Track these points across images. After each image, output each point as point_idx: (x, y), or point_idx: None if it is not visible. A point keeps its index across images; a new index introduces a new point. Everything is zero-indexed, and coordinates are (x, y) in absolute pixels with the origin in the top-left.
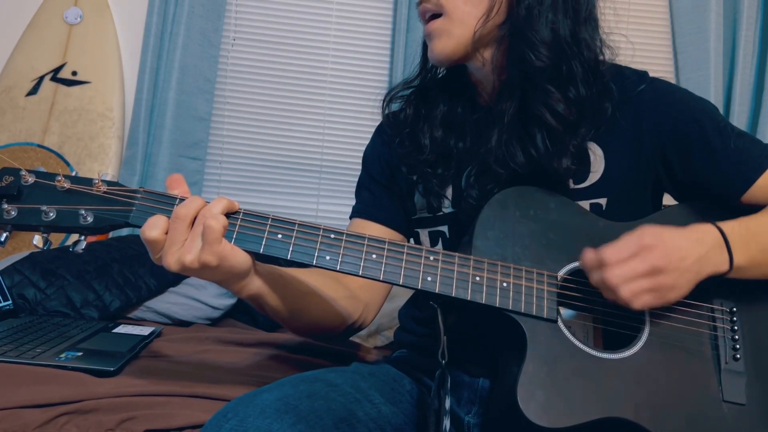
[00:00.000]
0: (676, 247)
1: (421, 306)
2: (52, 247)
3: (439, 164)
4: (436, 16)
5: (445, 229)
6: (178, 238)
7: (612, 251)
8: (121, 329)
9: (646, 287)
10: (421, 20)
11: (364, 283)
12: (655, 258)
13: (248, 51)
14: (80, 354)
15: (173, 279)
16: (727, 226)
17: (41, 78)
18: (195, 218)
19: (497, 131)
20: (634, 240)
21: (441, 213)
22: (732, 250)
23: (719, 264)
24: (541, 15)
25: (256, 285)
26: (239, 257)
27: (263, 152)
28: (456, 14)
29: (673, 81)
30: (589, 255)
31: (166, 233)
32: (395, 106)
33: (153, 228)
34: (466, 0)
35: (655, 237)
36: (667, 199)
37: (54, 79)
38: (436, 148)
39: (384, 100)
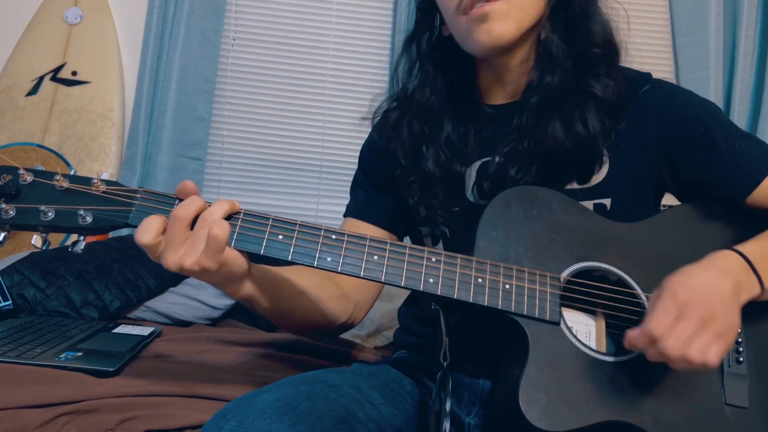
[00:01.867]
0: (708, 288)
1: (421, 304)
2: (51, 247)
3: (446, 193)
4: None
5: (445, 228)
6: (177, 240)
7: (656, 323)
8: (121, 329)
9: (708, 340)
10: (466, 7)
11: (355, 283)
12: (698, 310)
13: (248, 51)
14: (80, 354)
15: (173, 279)
16: (746, 248)
17: (41, 78)
18: (194, 219)
19: (534, 103)
20: (670, 301)
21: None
22: (759, 272)
23: (752, 287)
24: (593, 9)
25: (249, 288)
26: (238, 262)
27: (263, 152)
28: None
29: (673, 81)
30: (635, 337)
31: (162, 234)
32: (391, 121)
33: (146, 232)
34: None
35: (687, 289)
36: (668, 199)
37: (54, 79)
38: (443, 175)
39: (373, 119)
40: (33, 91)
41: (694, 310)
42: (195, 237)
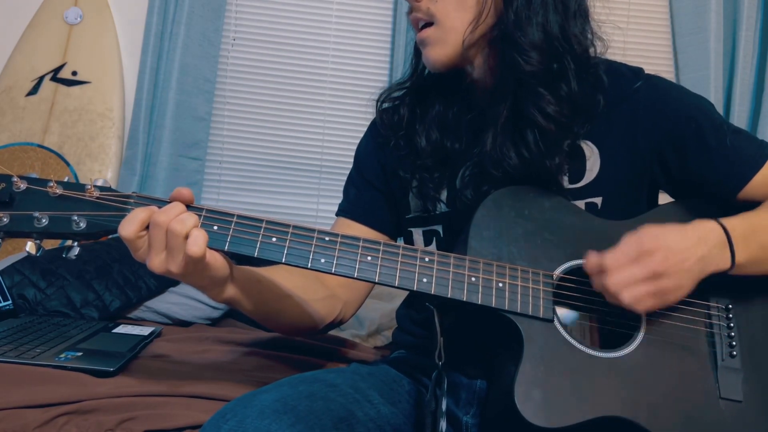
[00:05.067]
0: (677, 248)
1: (418, 306)
2: (50, 247)
3: (436, 168)
4: (428, 24)
5: (439, 228)
6: (158, 245)
7: (612, 256)
8: (121, 329)
9: (647, 291)
10: (413, 28)
11: (343, 281)
12: (656, 263)
13: (248, 51)
14: (80, 354)
15: (173, 279)
16: (730, 222)
17: (41, 78)
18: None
19: (491, 134)
20: (634, 244)
21: (435, 212)
22: (734, 248)
23: (721, 262)
24: (531, 18)
25: (231, 291)
26: (220, 265)
27: (263, 152)
28: (447, 22)
29: (673, 81)
30: (591, 260)
31: (145, 231)
32: (388, 106)
33: (128, 224)
34: (456, 6)
35: (656, 240)
36: (663, 197)
37: (54, 79)
38: (433, 150)
39: (378, 101)
40: (33, 91)
41: (650, 261)
42: (171, 247)
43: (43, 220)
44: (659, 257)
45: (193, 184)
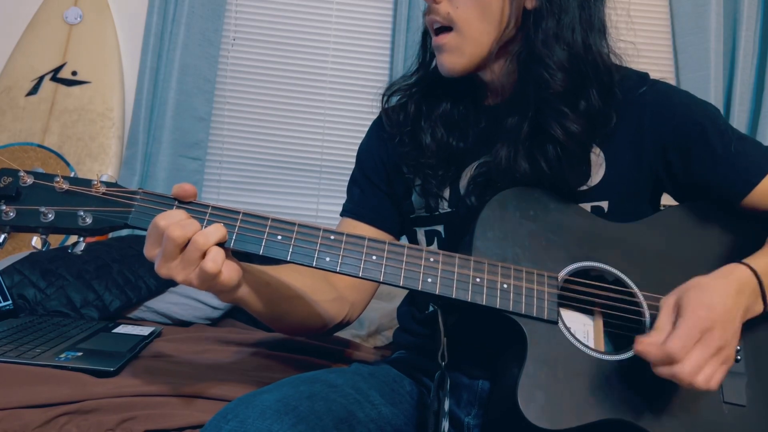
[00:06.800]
0: (726, 312)
1: (419, 304)
2: (50, 247)
3: (440, 165)
4: (445, 28)
5: (440, 228)
6: (170, 255)
7: (678, 344)
8: (121, 329)
9: (716, 367)
10: (429, 29)
11: (351, 283)
12: (717, 338)
13: (248, 51)
14: (80, 354)
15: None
16: (760, 264)
17: (41, 78)
18: (188, 240)
19: (507, 146)
20: (695, 324)
21: (438, 212)
22: (765, 293)
23: (756, 308)
24: (559, 38)
25: (242, 292)
26: (229, 278)
27: (263, 152)
28: (469, 31)
29: (673, 81)
30: (652, 351)
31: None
32: (394, 100)
33: (166, 217)
34: (478, 15)
35: (709, 312)
36: (666, 199)
37: (54, 79)
38: (438, 148)
39: (384, 95)
40: (33, 91)
41: (713, 339)
42: (187, 259)
43: (50, 215)
44: (719, 331)
45: (193, 184)
